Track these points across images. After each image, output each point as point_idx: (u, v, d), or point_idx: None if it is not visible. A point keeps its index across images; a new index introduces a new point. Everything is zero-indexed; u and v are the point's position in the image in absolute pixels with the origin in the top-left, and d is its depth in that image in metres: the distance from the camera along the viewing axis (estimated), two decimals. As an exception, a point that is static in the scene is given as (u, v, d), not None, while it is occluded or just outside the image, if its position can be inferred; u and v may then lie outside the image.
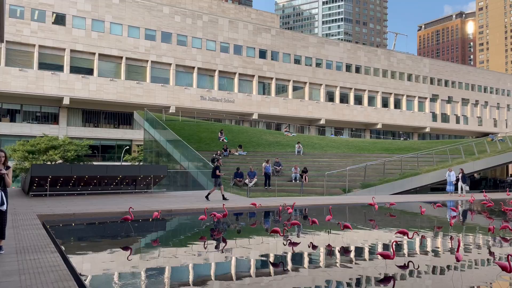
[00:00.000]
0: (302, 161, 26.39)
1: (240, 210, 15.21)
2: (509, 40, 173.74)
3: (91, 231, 11.76)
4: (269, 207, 15.56)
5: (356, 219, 14.06)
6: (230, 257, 7.87)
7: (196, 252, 8.26)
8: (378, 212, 14.93)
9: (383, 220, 13.69)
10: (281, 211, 14.04)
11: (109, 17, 52.82)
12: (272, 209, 15.36)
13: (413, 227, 12.19)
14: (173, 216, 13.87)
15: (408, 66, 77.97)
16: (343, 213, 15.32)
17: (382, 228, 11.87)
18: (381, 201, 16.78)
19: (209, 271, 6.91)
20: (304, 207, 16.37)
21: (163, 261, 7.54)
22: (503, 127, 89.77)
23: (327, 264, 7.06)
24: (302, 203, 16.86)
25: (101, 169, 19.48)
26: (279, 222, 12.36)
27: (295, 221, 9.86)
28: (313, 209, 16.11)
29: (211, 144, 29.44)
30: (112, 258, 7.82)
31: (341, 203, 17.44)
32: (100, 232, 11.81)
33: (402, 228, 9.12)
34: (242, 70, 60.90)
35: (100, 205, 14.97)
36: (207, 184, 23.25)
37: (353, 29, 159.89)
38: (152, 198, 18.44)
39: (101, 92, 51.16)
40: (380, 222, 13.03)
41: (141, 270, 6.76)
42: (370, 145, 33.94)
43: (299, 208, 15.37)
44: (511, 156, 27.60)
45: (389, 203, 15.57)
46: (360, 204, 17.89)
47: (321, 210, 15.68)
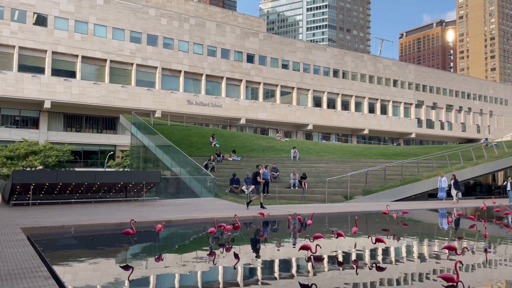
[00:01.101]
0: (299, 167, 25.42)
1: (247, 220, 14.05)
2: (488, 48, 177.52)
3: (87, 248, 10.30)
4: (276, 217, 14.46)
5: (372, 229, 13.07)
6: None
7: (226, 277, 7.08)
8: (390, 221, 14.01)
9: (405, 230, 12.75)
10: (290, 221, 12.97)
11: (93, 18, 51.14)
12: (280, 219, 14.26)
13: (440, 238, 11.27)
14: (174, 228, 12.61)
15: (394, 72, 78.27)
16: (352, 222, 14.33)
17: (414, 240, 10.88)
18: (392, 209, 15.87)
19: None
20: (306, 215, 15.30)
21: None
22: (485, 133, 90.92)
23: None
24: (307, 211, 15.81)
25: (89, 175, 18.07)
26: (295, 234, 11.27)
27: (319, 234, 8.79)
28: (321, 218, 15.07)
29: (203, 149, 28.22)
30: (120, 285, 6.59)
31: (349, 211, 16.48)
32: (98, 249, 10.35)
33: (438, 240, 8.15)
34: (229, 74, 59.86)
35: (91, 215, 13.62)
36: (201, 190, 22.03)
37: (337, 35, 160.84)
38: (145, 206, 17.12)
39: (84, 95, 49.33)
40: (405, 233, 12.07)
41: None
42: (365, 150, 33.25)
43: (307, 217, 14.30)
44: (509, 161, 27.22)
45: (402, 211, 14.65)
46: (368, 212, 16.96)
47: (332, 219, 14.67)
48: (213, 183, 21.11)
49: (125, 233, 9.22)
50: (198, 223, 13.14)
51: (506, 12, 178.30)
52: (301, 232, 12.23)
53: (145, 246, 10.20)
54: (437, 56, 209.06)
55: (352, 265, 7.47)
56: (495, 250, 9.25)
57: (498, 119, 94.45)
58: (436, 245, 10.02)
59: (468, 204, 22.36)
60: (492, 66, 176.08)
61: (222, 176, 23.25)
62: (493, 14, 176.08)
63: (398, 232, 12.15)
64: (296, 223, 12.73)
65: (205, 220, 13.24)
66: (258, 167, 18.43)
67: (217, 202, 18.84)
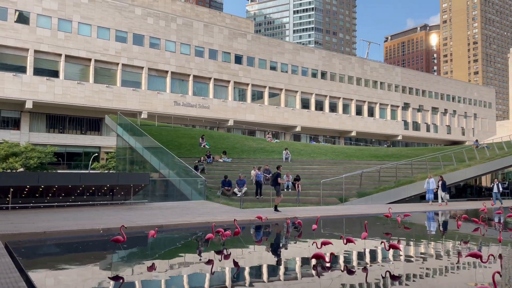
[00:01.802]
0: (291, 169, 24.78)
1: (244, 224, 13.30)
2: (471, 52, 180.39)
3: (71, 257, 9.40)
4: (273, 220, 13.76)
5: (375, 233, 12.47)
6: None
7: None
8: (393, 225, 13.45)
9: (412, 234, 12.17)
10: (289, 225, 12.29)
11: (77, 16, 49.79)
12: (278, 222, 13.56)
13: (453, 242, 10.70)
14: (166, 233, 11.80)
15: (381, 74, 78.49)
16: (354, 226, 13.74)
17: (429, 246, 10.27)
18: (392, 211, 15.31)
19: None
20: (308, 219, 14.65)
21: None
22: (470, 135, 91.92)
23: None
24: (305, 214, 15.16)
25: (73, 177, 17.09)
26: (294, 238, 10.57)
27: (326, 240, 8.12)
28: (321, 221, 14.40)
29: (192, 150, 27.38)
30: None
31: (347, 214, 15.89)
32: (83, 258, 9.44)
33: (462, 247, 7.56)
34: (217, 75, 59.05)
35: (74, 220, 12.70)
36: (191, 193, 21.20)
37: (324, 38, 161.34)
38: (133, 210, 16.24)
39: (68, 95, 47.92)
40: (413, 238, 11.47)
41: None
42: (356, 151, 32.83)
43: (304, 220, 13.62)
44: (501, 162, 27.09)
45: (404, 214, 14.10)
46: (366, 215, 16.38)
47: (331, 222, 14.03)
48: (204, 185, 20.32)
49: (115, 241, 8.38)
50: (191, 228, 12.36)
51: (488, 17, 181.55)
52: (301, 236, 11.56)
53: (137, 254, 9.36)
54: (421, 60, 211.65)
55: (375, 278, 6.77)
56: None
57: (482, 122, 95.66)
58: (454, 250, 9.43)
59: (458, 207, 21.89)
60: (475, 69, 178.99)
61: (213, 178, 22.47)
62: (476, 18, 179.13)
63: (404, 237, 11.57)
64: (297, 226, 12.04)
65: (198, 225, 12.47)
66: (279, 168, 17.78)
67: (208, 205, 18.07)
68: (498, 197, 24.26)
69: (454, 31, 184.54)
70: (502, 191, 31.26)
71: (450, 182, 25.00)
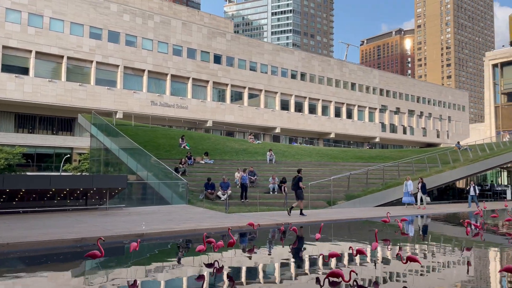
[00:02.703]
0: (276, 170, 23.86)
1: (233, 231, 12.23)
2: (445, 56, 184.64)
3: (37, 275, 8.04)
4: (265, 226, 12.73)
5: (372, 240, 11.62)
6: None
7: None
8: (387, 230, 12.66)
9: (420, 242, 11.35)
10: (282, 231, 11.30)
11: (48, 11, 47.55)
12: (270, 228, 12.55)
13: (467, 250, 9.93)
14: (149, 243, 10.59)
15: (359, 76, 78.76)
16: (352, 231, 12.88)
17: (449, 256, 9.44)
18: (384, 216, 14.54)
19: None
20: (299, 224, 13.71)
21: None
22: (444, 138, 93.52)
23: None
24: (296, 220, 14.21)
25: (43, 180, 15.59)
26: (298, 249, 9.56)
27: (334, 251, 7.18)
28: (314, 227, 13.50)
29: (171, 152, 26.09)
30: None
31: (340, 219, 15.05)
32: (52, 275, 8.06)
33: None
34: (196, 75, 57.68)
35: (44, 229, 11.35)
36: (171, 197, 19.97)
37: (301, 40, 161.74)
38: (109, 216, 14.92)
39: (38, 94, 45.64)
40: (426, 247, 10.64)
41: None
42: (340, 153, 32.22)
43: (296, 226, 12.67)
44: (485, 164, 26.97)
45: (401, 218, 13.34)
46: (359, 219, 15.57)
47: (327, 228, 13.09)
48: (186, 188, 19.12)
49: (90, 256, 7.09)
50: (176, 236, 11.21)
51: (461, 23, 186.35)
52: (296, 245, 10.58)
53: (115, 271, 8.06)
54: (396, 63, 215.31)
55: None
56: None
57: (456, 125, 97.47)
58: (479, 261, 8.59)
59: (439, 210, 21.19)
60: (448, 73, 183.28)
61: (195, 180, 21.29)
62: (449, 24, 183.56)
63: (415, 245, 10.75)
64: (292, 234, 11.05)
65: (184, 232, 11.34)
66: (299, 171, 17.12)
67: (191, 210, 16.90)
68: (474, 199, 23.42)
69: (428, 36, 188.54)
70: (484, 193, 31.34)
71: (436, 184, 24.65)
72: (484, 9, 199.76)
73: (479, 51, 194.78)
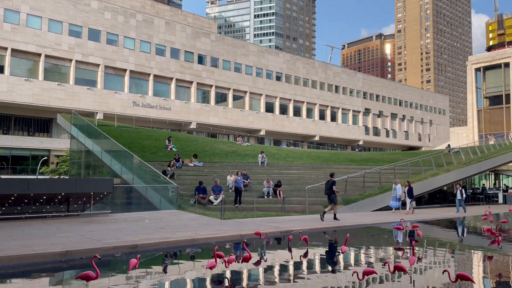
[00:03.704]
0: (269, 174, 22.86)
1: (234, 240, 11.13)
2: (424, 61, 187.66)
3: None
4: (271, 234, 11.65)
5: (394, 250, 10.74)
6: None
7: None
8: (399, 237, 11.80)
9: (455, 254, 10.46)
10: (291, 241, 10.27)
11: (25, 7, 45.48)
12: (275, 237, 11.49)
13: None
14: (144, 255, 9.37)
15: (343, 79, 78.70)
16: (367, 239, 11.95)
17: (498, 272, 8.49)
18: (393, 221, 13.73)
19: None
20: (308, 232, 12.71)
21: None
22: (426, 141, 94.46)
23: None
24: (301, 226, 13.22)
25: (20, 184, 14.13)
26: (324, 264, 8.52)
27: (370, 268, 6.21)
28: (318, 234, 12.53)
29: (157, 154, 24.78)
30: None
31: (346, 226, 14.12)
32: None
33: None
34: (179, 75, 56.27)
35: (23, 240, 10.03)
36: (160, 201, 18.72)
37: (284, 43, 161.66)
38: (94, 224, 13.61)
39: (13, 93, 43.50)
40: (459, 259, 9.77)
41: None
42: (332, 156, 31.45)
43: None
44: (479, 167, 26.63)
45: (412, 225, 12.50)
46: (364, 225, 14.68)
47: (335, 236, 12.16)
48: (176, 192, 17.90)
49: (83, 278, 5.88)
50: (172, 247, 10.05)
51: (440, 28, 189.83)
52: (307, 256, 9.56)
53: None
54: (376, 68, 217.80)
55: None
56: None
57: (437, 128, 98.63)
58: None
59: (428, 215, 20.06)
60: (428, 78, 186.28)
61: (184, 184, 20.09)
62: (429, 29, 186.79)
63: (454, 258, 9.87)
64: (303, 244, 10.04)
65: (181, 243, 10.20)
66: (332, 175, 16.84)
67: (183, 216, 15.72)
68: (462, 204, 22.13)
69: (408, 41, 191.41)
70: (476, 197, 31.05)
71: (432, 187, 24.10)
72: (462, 15, 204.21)
73: (457, 56, 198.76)
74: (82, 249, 8.64)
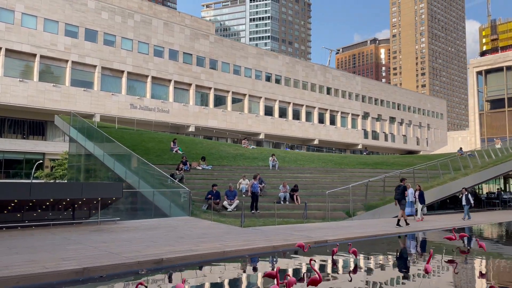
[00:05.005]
0: (282, 177, 21.67)
1: (268, 252, 9.88)
2: (419, 65, 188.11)
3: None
4: (318, 244, 10.38)
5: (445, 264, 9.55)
6: None
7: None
8: (443, 249, 10.65)
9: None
10: (335, 254, 9.04)
11: (20, 6, 44.05)
12: (318, 251, 10.25)
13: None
14: (174, 273, 8.06)
15: (342, 83, 77.97)
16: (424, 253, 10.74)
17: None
18: (430, 228, 12.57)
19: None
20: (342, 242, 11.49)
21: None
22: (424, 145, 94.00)
23: None
24: (331, 236, 12.02)
25: (21, 189, 12.73)
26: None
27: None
28: (358, 245, 11.30)
29: (163, 156, 23.49)
30: None
31: (385, 234, 12.92)
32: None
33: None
34: (178, 77, 55.02)
35: (28, 253, 8.70)
36: (169, 207, 17.43)
37: (280, 47, 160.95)
38: (105, 233, 12.29)
39: (7, 94, 41.95)
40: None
41: None
42: (341, 159, 30.35)
43: (340, 244, 10.43)
44: (497, 170, 25.67)
45: (459, 234, 11.36)
46: (398, 234, 13.50)
47: (384, 246, 10.97)
48: (189, 197, 16.61)
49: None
50: (203, 262, 8.78)
51: (435, 33, 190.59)
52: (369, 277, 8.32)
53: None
54: (371, 72, 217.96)
55: None
56: None
57: (435, 132, 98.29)
58: None
59: (440, 222, 18.25)
60: (423, 82, 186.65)
61: (194, 188, 18.82)
62: (424, 34, 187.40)
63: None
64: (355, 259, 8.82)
65: (210, 256, 8.94)
66: (403, 180, 16.85)
67: (198, 224, 14.44)
68: (467, 210, 19.85)
69: (403, 45, 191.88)
70: (490, 201, 30.02)
71: (451, 192, 23.06)
72: (457, 20, 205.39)
73: (452, 61, 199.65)
74: (101, 265, 7.38)
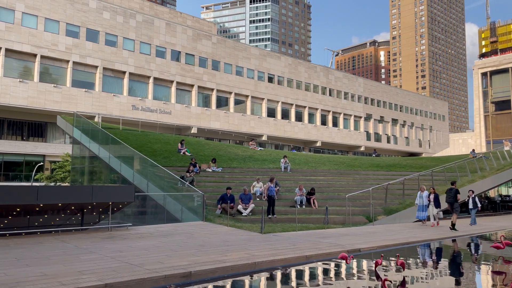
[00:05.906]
0: (295, 180, 20.86)
1: (301, 263, 9.04)
2: (419, 67, 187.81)
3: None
4: (333, 256, 9.54)
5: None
6: None
7: None
8: (488, 257, 9.83)
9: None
10: (377, 266, 8.20)
11: (20, 6, 43.15)
12: (359, 263, 9.40)
13: None
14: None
15: (344, 84, 77.30)
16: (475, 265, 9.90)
17: None
18: (462, 235, 11.75)
19: None
20: (372, 251, 10.66)
21: None
22: (426, 147, 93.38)
23: None
24: (360, 243, 11.17)
25: (27, 193, 11.86)
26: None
27: None
28: (393, 254, 10.49)
29: (170, 158, 22.64)
30: None
31: (419, 241, 12.07)
32: None
33: None
34: (180, 78, 54.16)
35: (39, 266, 7.83)
36: (181, 211, 16.57)
37: (279, 49, 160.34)
38: (118, 240, 11.42)
39: (7, 95, 41.02)
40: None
41: None
42: (353, 161, 29.55)
43: (370, 253, 9.60)
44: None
45: (504, 242, 10.52)
46: (431, 240, 12.65)
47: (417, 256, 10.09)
48: (202, 201, 15.75)
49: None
50: (234, 274, 7.92)
51: (435, 35, 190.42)
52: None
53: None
54: (371, 74, 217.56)
55: None
56: None
57: (437, 134, 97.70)
58: None
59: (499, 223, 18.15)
60: (423, 84, 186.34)
61: (206, 191, 17.94)
62: (424, 36, 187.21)
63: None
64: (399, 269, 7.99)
65: (241, 268, 8.09)
66: (454, 183, 16.73)
67: (214, 229, 13.58)
68: (472, 214, 18.84)
69: (403, 47, 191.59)
70: (506, 205, 29.25)
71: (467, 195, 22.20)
72: (456, 22, 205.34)
73: (452, 63, 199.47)
74: (124, 280, 6.53)
